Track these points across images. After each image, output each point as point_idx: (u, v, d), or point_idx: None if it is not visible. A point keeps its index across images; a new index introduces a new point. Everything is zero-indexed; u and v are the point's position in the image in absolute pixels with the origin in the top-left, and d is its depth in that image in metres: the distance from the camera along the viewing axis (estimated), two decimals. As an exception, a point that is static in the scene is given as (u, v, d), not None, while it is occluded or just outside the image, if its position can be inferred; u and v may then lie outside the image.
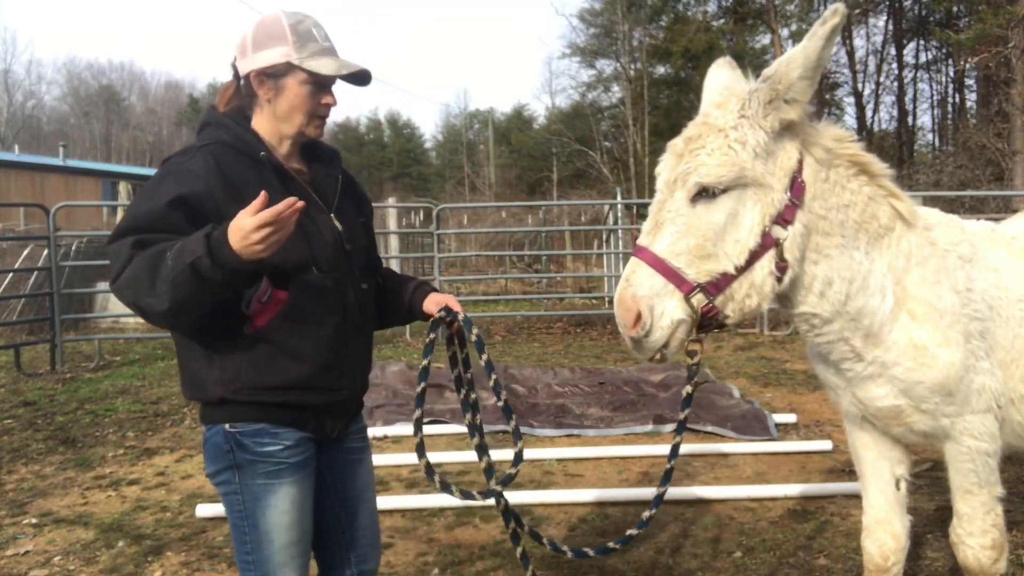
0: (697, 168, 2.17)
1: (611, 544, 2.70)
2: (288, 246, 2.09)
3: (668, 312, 2.14)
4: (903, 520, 2.79)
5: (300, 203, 1.91)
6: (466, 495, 2.46)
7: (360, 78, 2.30)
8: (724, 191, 2.17)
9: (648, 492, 4.77)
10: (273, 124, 2.27)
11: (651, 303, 2.13)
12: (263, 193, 1.88)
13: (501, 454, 5.34)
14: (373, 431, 6.14)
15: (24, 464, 5.74)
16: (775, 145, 2.22)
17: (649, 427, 6.19)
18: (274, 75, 2.22)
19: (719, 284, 2.17)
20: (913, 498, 2.87)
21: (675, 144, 2.28)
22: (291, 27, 2.21)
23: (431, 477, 2.39)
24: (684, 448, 5.59)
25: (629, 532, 2.62)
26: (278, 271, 2.12)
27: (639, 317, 2.12)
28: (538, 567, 3.90)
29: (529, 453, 5.52)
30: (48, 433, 6.54)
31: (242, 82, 2.29)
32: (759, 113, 2.19)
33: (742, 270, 2.18)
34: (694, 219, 2.17)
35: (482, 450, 2.58)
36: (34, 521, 4.66)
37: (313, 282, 2.20)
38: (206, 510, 4.59)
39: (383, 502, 4.66)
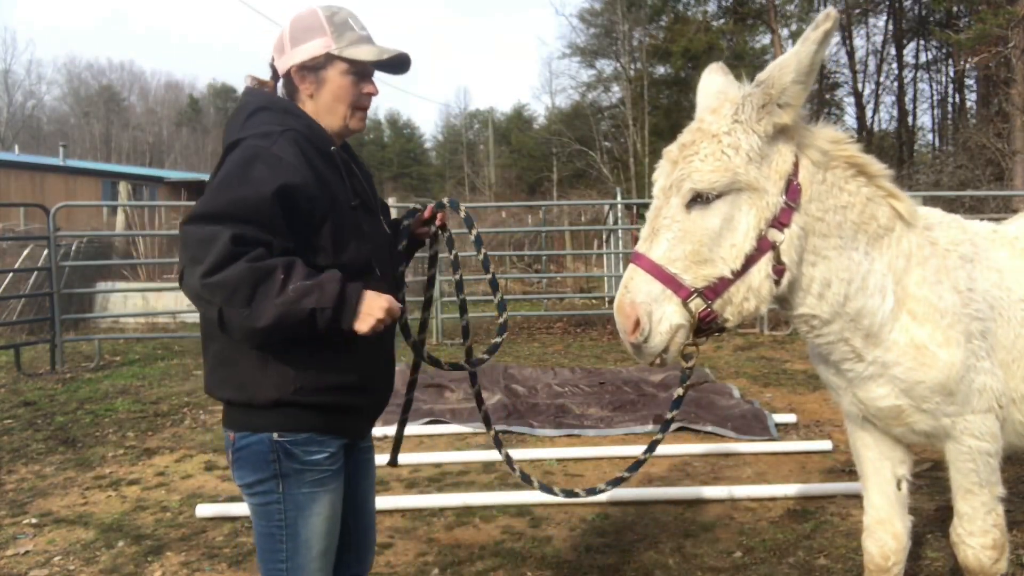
0: (691, 174, 2.18)
1: (600, 486, 2.74)
2: (355, 247, 2.13)
3: (666, 317, 2.16)
4: (904, 520, 2.79)
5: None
6: (454, 367, 2.55)
7: (400, 64, 2.27)
8: (719, 196, 2.18)
9: (648, 493, 4.77)
10: (317, 119, 2.23)
11: (649, 309, 2.15)
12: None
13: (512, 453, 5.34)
14: (374, 431, 6.13)
15: (24, 464, 5.74)
16: (769, 149, 2.23)
17: (649, 427, 6.18)
18: (315, 68, 2.19)
19: (716, 289, 2.18)
20: (913, 498, 2.86)
21: (670, 151, 2.29)
22: (327, 19, 2.19)
23: (418, 352, 2.48)
24: (684, 448, 5.63)
25: (600, 487, 2.72)
26: (345, 272, 2.09)
27: (638, 323, 2.14)
28: (538, 567, 3.90)
29: (529, 453, 5.53)
30: (48, 433, 6.54)
31: (281, 80, 2.27)
32: (752, 117, 2.20)
33: (739, 274, 2.19)
34: (690, 225, 2.18)
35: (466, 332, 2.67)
36: (34, 521, 4.65)
37: (372, 285, 2.15)
38: (206, 510, 4.59)
39: (383, 502, 4.66)
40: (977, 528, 2.62)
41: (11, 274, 12.04)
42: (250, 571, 3.93)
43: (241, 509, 4.62)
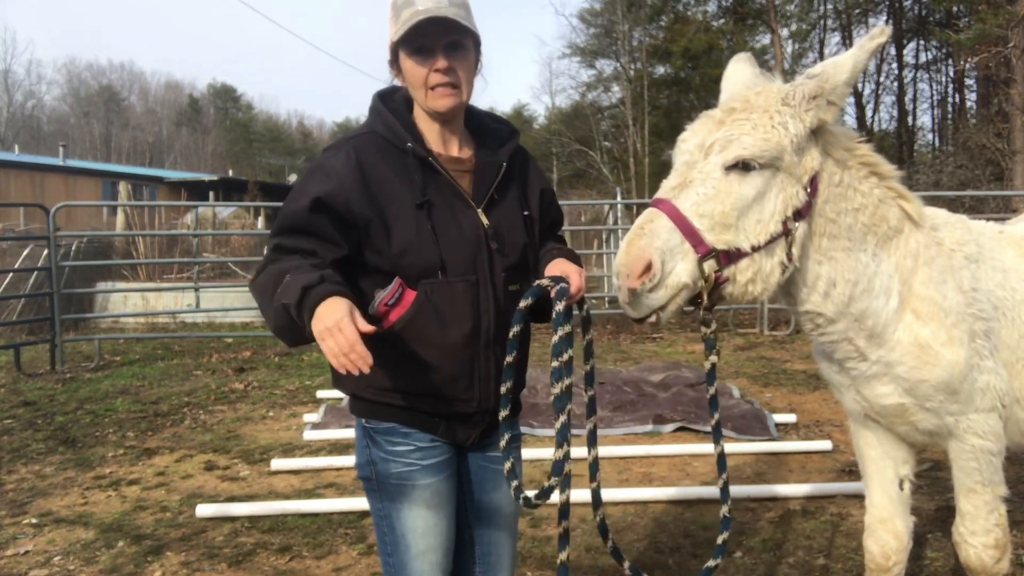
0: (740, 137, 2.14)
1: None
2: (417, 247, 2.06)
3: (677, 272, 2.07)
4: (906, 520, 2.78)
5: (365, 359, 1.75)
6: (525, 501, 2.04)
7: (440, 25, 2.05)
8: (758, 169, 2.14)
9: (648, 493, 4.77)
10: (417, 108, 2.20)
11: (663, 258, 2.04)
12: (366, 329, 1.77)
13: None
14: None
15: (24, 464, 5.73)
16: (806, 143, 2.23)
17: (649, 427, 6.18)
18: (394, 60, 2.17)
19: (731, 257, 2.13)
20: (913, 498, 2.86)
21: (713, 113, 2.25)
22: (392, 5, 2.12)
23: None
24: (684, 448, 5.62)
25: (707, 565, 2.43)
26: (406, 273, 2.07)
27: (649, 267, 2.01)
28: (538, 567, 3.90)
29: (528, 453, 5.52)
30: (48, 433, 6.54)
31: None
32: (802, 105, 2.20)
33: (756, 250, 2.15)
34: (725, 186, 2.13)
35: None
36: (34, 521, 4.65)
37: (441, 287, 2.08)
38: (206, 510, 4.59)
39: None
40: (979, 527, 2.62)
41: (11, 274, 12.05)
42: (250, 571, 3.92)
43: (241, 509, 4.62)
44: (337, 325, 1.75)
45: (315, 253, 1.99)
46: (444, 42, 2.08)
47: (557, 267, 2.20)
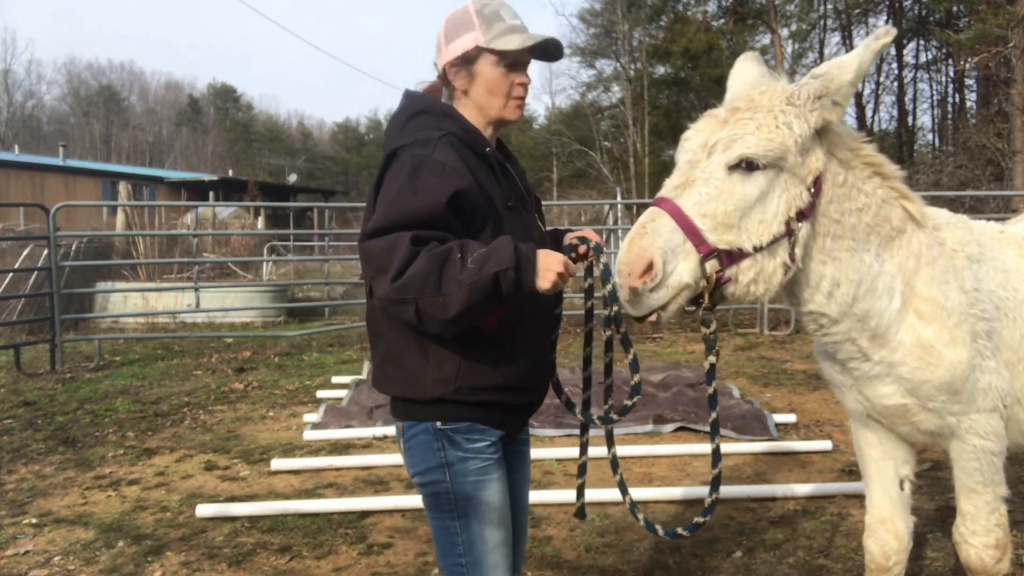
0: (744, 137, 2.13)
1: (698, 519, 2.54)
2: None
3: (679, 271, 2.06)
4: (906, 520, 2.78)
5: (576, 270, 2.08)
6: (601, 420, 2.48)
7: (550, 50, 2.27)
8: (761, 169, 2.13)
9: (648, 493, 4.77)
10: (473, 113, 2.26)
11: (665, 257, 2.04)
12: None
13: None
14: (373, 431, 6.14)
15: (24, 464, 5.73)
16: (810, 143, 2.22)
17: (649, 427, 6.18)
18: (466, 61, 2.22)
19: (733, 257, 2.12)
20: (914, 498, 2.86)
21: (716, 112, 2.25)
22: (476, 12, 2.22)
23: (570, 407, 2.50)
24: (684, 448, 5.63)
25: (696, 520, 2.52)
26: None
27: (650, 267, 2.02)
28: (538, 567, 3.90)
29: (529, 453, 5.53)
30: (48, 433, 6.53)
31: (441, 78, 2.30)
32: (807, 105, 2.20)
33: (759, 251, 2.14)
34: (728, 186, 2.12)
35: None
36: (34, 521, 4.65)
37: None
38: (206, 510, 4.59)
39: (382, 502, 4.66)
40: (980, 527, 2.62)
41: (11, 274, 12.03)
42: (250, 571, 3.92)
43: (241, 509, 4.62)
44: (561, 264, 1.99)
45: (446, 241, 2.00)
46: (529, 61, 2.27)
47: (572, 235, 2.38)
